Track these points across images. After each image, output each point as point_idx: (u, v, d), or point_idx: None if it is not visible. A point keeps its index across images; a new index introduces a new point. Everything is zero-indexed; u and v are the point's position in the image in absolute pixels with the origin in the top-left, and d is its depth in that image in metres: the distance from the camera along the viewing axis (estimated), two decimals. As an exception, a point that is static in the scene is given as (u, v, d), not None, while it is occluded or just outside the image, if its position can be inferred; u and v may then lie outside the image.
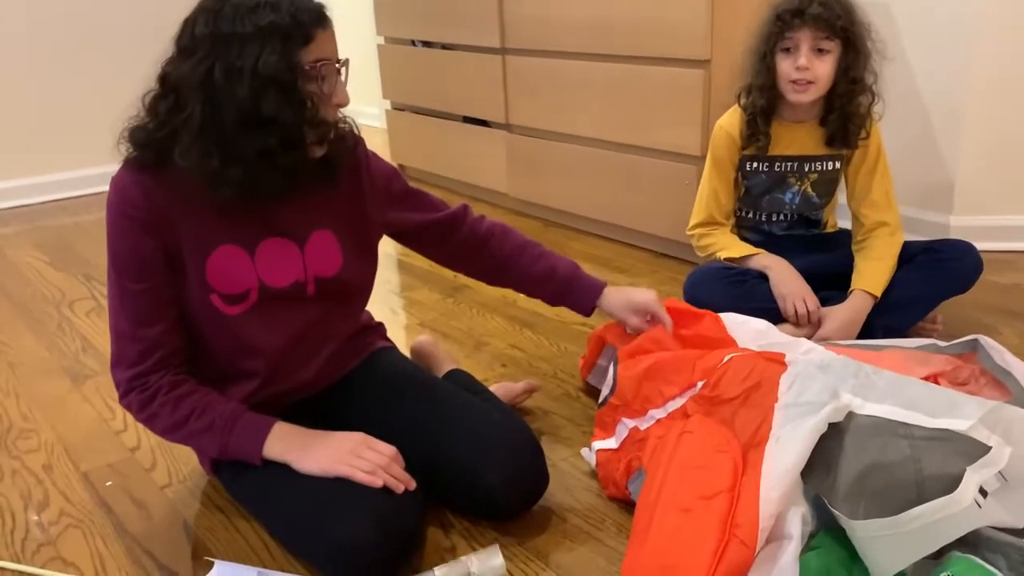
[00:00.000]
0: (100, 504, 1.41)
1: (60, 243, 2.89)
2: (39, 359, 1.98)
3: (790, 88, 1.77)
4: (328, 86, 1.18)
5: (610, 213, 2.64)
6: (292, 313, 1.30)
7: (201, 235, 1.22)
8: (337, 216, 1.33)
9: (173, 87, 1.16)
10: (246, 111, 1.11)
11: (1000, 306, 2.04)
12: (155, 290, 1.22)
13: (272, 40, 1.10)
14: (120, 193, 1.20)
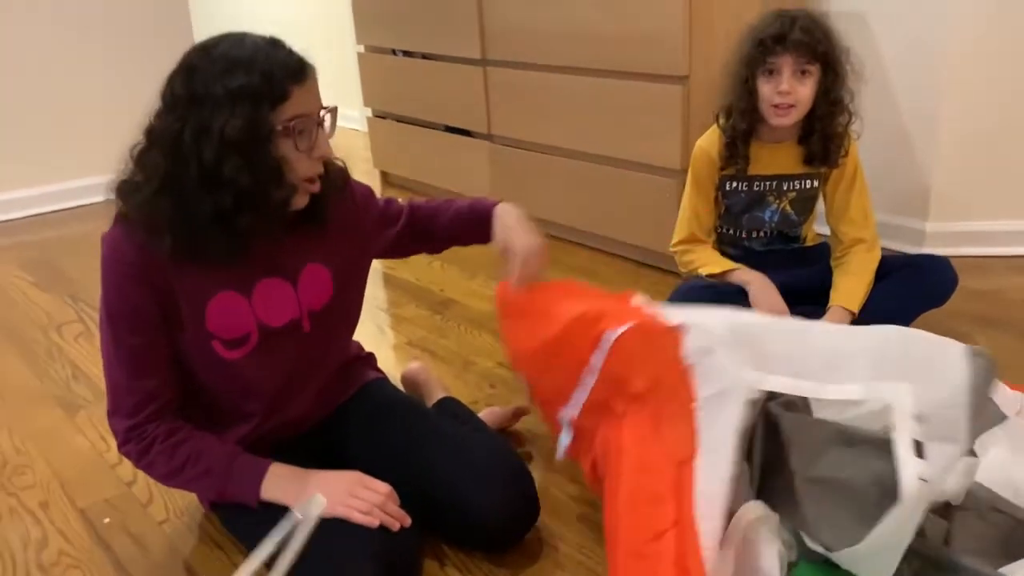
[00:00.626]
0: (99, 542, 1.43)
1: (44, 261, 2.88)
2: (30, 388, 1.99)
3: (772, 112, 1.80)
4: (305, 142, 1.18)
5: (593, 223, 2.67)
6: (288, 351, 1.33)
7: (197, 285, 1.24)
8: (327, 249, 1.35)
9: (152, 143, 1.18)
10: (207, 172, 1.13)
11: (974, 313, 2.09)
12: (150, 343, 1.24)
13: (241, 103, 1.11)
14: (113, 249, 1.22)
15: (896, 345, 1.23)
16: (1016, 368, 1.83)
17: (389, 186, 3.63)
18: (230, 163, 1.13)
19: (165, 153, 1.16)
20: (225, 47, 1.16)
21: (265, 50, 1.16)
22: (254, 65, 1.13)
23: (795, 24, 1.73)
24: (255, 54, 1.15)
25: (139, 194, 1.18)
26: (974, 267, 2.37)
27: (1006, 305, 2.15)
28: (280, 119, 1.15)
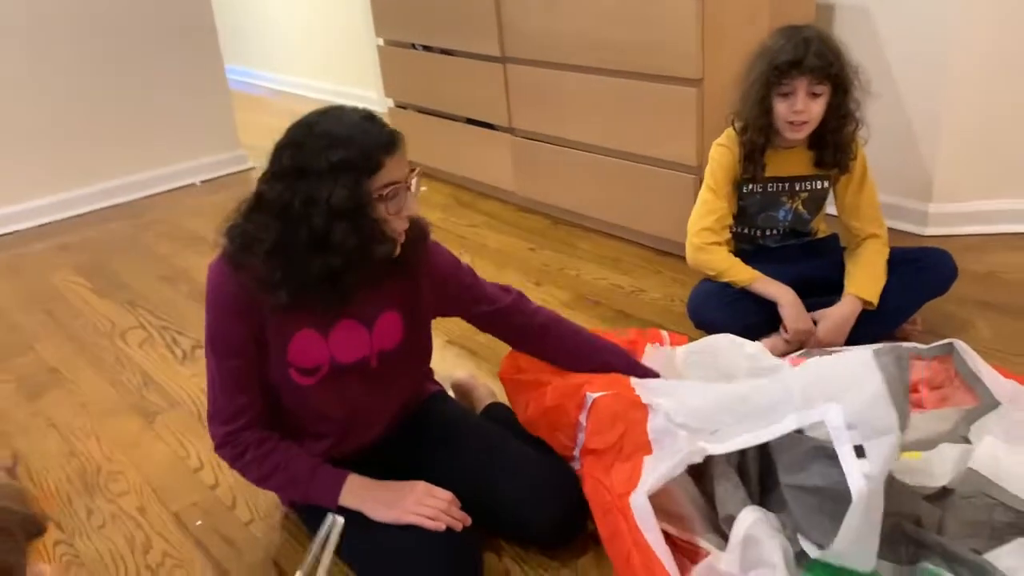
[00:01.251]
0: (196, 544, 1.62)
1: (96, 266, 3.06)
2: (106, 397, 2.18)
3: (787, 127, 1.94)
4: (395, 206, 1.34)
5: (614, 214, 2.82)
6: (356, 385, 1.50)
7: (284, 323, 1.41)
8: (403, 299, 1.51)
9: (262, 205, 1.34)
10: (318, 237, 1.29)
11: (975, 297, 2.24)
12: (244, 365, 1.42)
13: (344, 175, 1.27)
14: (216, 284, 1.40)
15: (816, 376, 1.41)
16: (1014, 350, 2.00)
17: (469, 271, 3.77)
18: (339, 228, 1.29)
19: (276, 217, 1.31)
20: (326, 124, 1.31)
21: (361, 126, 1.31)
22: (352, 141, 1.29)
23: (809, 49, 1.85)
24: (352, 131, 1.30)
25: (252, 253, 1.34)
26: (974, 247, 2.52)
27: (1004, 286, 2.30)
28: (375, 187, 1.31)
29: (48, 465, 1.92)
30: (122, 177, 3.72)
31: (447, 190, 3.52)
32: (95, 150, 3.64)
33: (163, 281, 2.87)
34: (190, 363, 2.29)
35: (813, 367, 1.48)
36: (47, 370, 2.34)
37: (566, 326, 1.69)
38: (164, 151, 3.82)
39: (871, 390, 1.29)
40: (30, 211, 3.53)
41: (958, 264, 2.03)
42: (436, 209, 3.32)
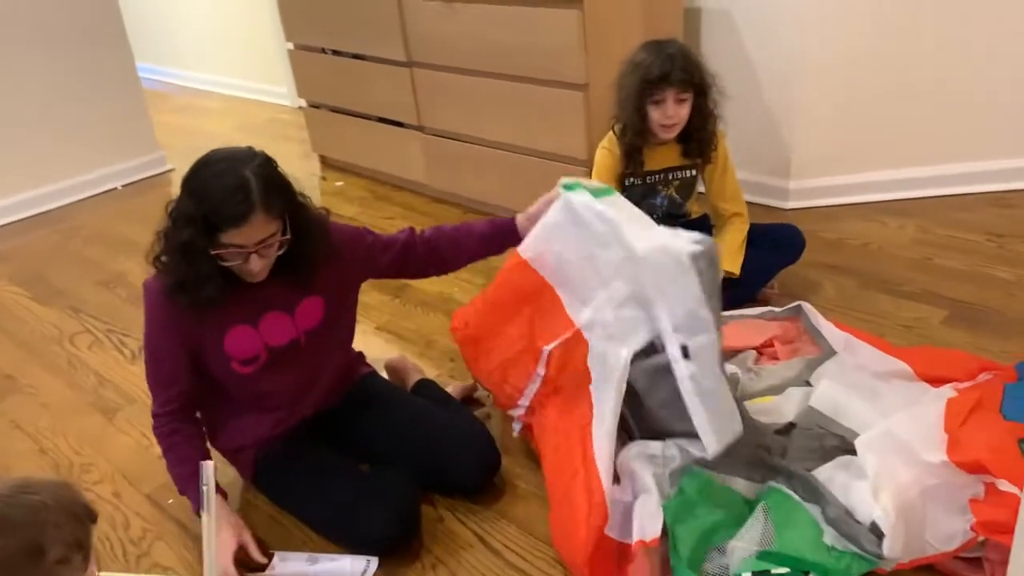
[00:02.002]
0: (170, 519, 1.88)
1: (31, 275, 3.20)
2: (66, 399, 2.38)
3: (660, 130, 2.27)
4: (234, 262, 1.58)
5: (518, 202, 3.11)
6: (292, 363, 1.78)
7: (217, 322, 1.68)
8: (317, 284, 1.77)
9: (165, 230, 1.62)
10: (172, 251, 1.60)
11: (824, 262, 2.64)
12: (171, 367, 1.71)
13: (190, 225, 1.54)
14: (151, 300, 1.68)
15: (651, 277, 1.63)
16: (853, 307, 2.40)
17: (329, 168, 4.00)
18: (178, 258, 1.59)
19: (166, 241, 1.61)
20: (205, 176, 1.55)
21: (225, 196, 1.51)
22: (205, 204, 1.52)
23: (675, 64, 2.18)
24: (214, 195, 1.52)
25: (158, 264, 1.64)
26: (827, 216, 2.93)
27: (849, 251, 2.71)
28: (216, 243, 1.54)
29: (21, 463, 2.12)
30: (45, 186, 3.83)
31: (363, 184, 3.77)
32: (13, 160, 3.73)
33: (100, 286, 3.04)
34: (140, 362, 2.50)
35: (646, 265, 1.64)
36: (2, 376, 2.52)
37: (445, 229, 1.96)
38: (83, 157, 3.93)
39: (691, 295, 1.53)
40: (-47, 224, 3.63)
41: (813, 232, 2.43)
42: (353, 203, 3.56)
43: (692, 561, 1.55)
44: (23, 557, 1.04)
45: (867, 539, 1.42)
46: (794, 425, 1.87)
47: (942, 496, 1.52)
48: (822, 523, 1.51)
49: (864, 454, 1.57)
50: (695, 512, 1.60)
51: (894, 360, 2.03)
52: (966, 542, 1.48)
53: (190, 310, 1.64)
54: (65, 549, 1.06)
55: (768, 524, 1.55)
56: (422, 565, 1.67)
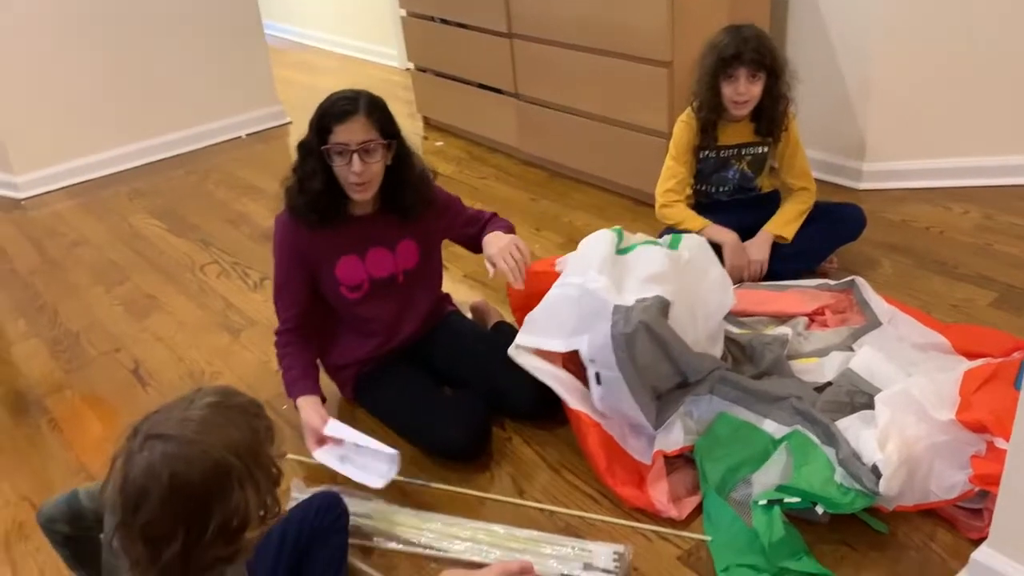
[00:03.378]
0: (285, 422, 2.23)
1: (167, 210, 3.64)
2: (198, 318, 2.78)
3: (732, 106, 2.47)
4: (340, 161, 1.89)
5: (602, 169, 3.36)
6: (391, 295, 2.10)
7: (330, 251, 2.02)
8: (415, 230, 2.09)
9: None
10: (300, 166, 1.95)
11: (885, 241, 2.79)
12: (294, 288, 2.05)
13: (311, 129, 1.90)
14: (279, 228, 2.03)
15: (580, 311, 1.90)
16: (907, 285, 2.56)
17: (431, 129, 4.30)
18: (308, 162, 1.93)
19: (293, 168, 1.97)
20: (326, 98, 1.91)
21: (335, 100, 1.89)
22: (321, 107, 1.90)
23: (748, 46, 2.38)
24: (328, 102, 1.90)
25: (286, 189, 1.99)
26: (896, 198, 3.06)
27: (912, 233, 2.85)
28: (329, 142, 1.88)
29: (163, 368, 2.52)
30: (179, 131, 4.27)
31: (461, 145, 4.06)
32: (153, 107, 4.17)
33: (228, 224, 3.44)
34: (260, 291, 2.88)
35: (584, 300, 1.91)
36: (145, 296, 2.94)
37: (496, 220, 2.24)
38: (214, 107, 4.36)
39: (602, 336, 1.83)
40: (101, 162, 4.10)
41: (879, 213, 2.59)
42: (451, 162, 3.86)
43: (720, 488, 1.81)
44: (265, 436, 1.19)
45: (868, 478, 1.64)
46: (830, 383, 2.08)
47: (947, 451, 1.72)
48: (835, 464, 1.73)
49: (880, 408, 1.77)
50: (724, 449, 1.85)
51: (934, 333, 2.20)
52: (964, 492, 1.69)
53: (312, 230, 1.97)
54: (270, 432, 1.23)
55: (788, 461, 1.79)
56: (490, 475, 1.97)
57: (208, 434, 1.12)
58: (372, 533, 1.82)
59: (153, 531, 1.10)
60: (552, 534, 1.78)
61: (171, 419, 1.14)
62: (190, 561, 1.11)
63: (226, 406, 1.18)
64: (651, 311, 1.83)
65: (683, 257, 2.03)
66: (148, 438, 1.12)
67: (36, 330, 2.79)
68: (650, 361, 1.85)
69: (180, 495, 1.09)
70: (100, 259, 3.25)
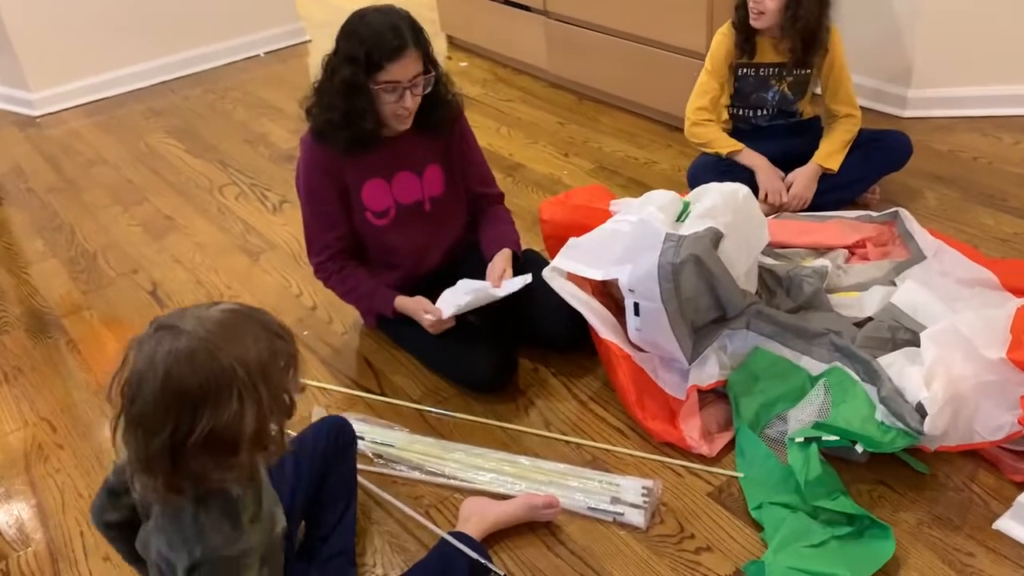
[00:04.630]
0: (306, 347, 2.18)
1: (185, 130, 3.55)
2: (217, 240, 2.72)
3: (750, 13, 2.34)
4: (393, 98, 1.81)
5: (633, 92, 3.23)
6: (418, 224, 2.02)
7: (357, 173, 1.93)
8: (441, 155, 2.01)
9: (315, 82, 1.87)
10: (328, 99, 1.84)
11: (930, 171, 2.67)
12: (331, 211, 1.96)
13: (350, 65, 1.79)
14: (306, 151, 1.93)
15: (628, 242, 1.85)
16: (953, 218, 2.46)
17: (455, 48, 4.15)
18: (336, 98, 1.82)
19: (322, 72, 1.86)
20: (363, 21, 1.80)
21: (382, 33, 1.77)
22: (366, 42, 1.77)
23: None
24: (373, 35, 1.77)
25: (311, 113, 1.89)
26: (943, 128, 2.92)
27: (958, 164, 2.72)
28: (377, 81, 1.79)
29: (181, 290, 2.47)
30: (196, 48, 4.15)
31: (487, 66, 3.92)
32: (169, 22, 4.04)
33: (246, 144, 3.36)
34: (280, 214, 2.81)
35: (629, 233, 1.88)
36: (163, 217, 2.88)
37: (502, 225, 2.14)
38: (231, 24, 4.22)
39: (647, 266, 1.76)
40: (117, 79, 4.00)
41: (925, 142, 2.46)
42: (476, 84, 3.73)
43: (753, 424, 1.75)
44: (285, 360, 1.13)
45: (912, 417, 1.57)
46: (871, 319, 2.00)
47: (995, 391, 1.64)
48: (876, 401, 1.66)
49: (927, 344, 1.69)
50: (759, 385, 1.79)
51: (980, 268, 2.10)
52: (1012, 433, 1.61)
53: (339, 156, 1.88)
54: (292, 359, 1.15)
55: (827, 398, 1.72)
56: (516, 406, 1.92)
57: (220, 337, 1.06)
58: (395, 461, 1.78)
59: (144, 421, 1.06)
60: (579, 467, 1.73)
61: (188, 314, 1.09)
62: (177, 462, 1.07)
63: (248, 316, 1.12)
64: (703, 242, 1.76)
65: (741, 192, 1.94)
66: (160, 328, 1.08)
67: (54, 250, 2.75)
68: (692, 294, 1.78)
69: (172, 390, 1.04)
70: (117, 179, 3.18)
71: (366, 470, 1.75)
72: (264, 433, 1.10)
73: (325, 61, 1.86)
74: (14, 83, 3.84)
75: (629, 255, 1.81)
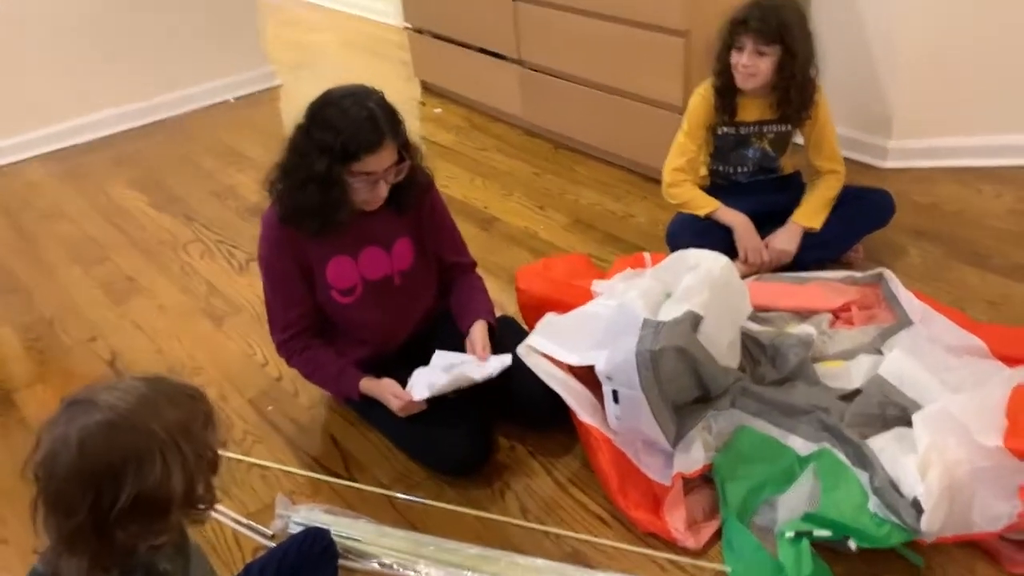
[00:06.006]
0: (269, 424, 2.08)
1: (150, 181, 3.44)
2: (179, 303, 2.61)
3: (740, 78, 2.28)
4: (365, 190, 1.75)
5: (610, 142, 3.17)
6: (387, 299, 1.93)
7: (321, 251, 1.84)
8: (410, 229, 1.93)
9: (284, 153, 1.78)
10: (299, 186, 1.75)
11: (913, 226, 2.62)
12: (293, 288, 1.87)
13: (325, 155, 1.69)
14: (268, 228, 1.84)
15: (606, 326, 1.79)
16: (938, 277, 2.40)
17: (429, 94, 4.08)
18: (310, 188, 1.73)
19: (287, 153, 1.77)
20: (336, 107, 1.71)
21: (359, 123, 1.68)
22: (343, 133, 1.68)
23: (753, 14, 2.20)
24: (349, 125, 1.68)
25: (278, 194, 1.80)
26: (924, 179, 2.88)
27: (941, 217, 2.67)
28: (351, 171, 1.71)
29: (140, 359, 2.36)
30: (164, 94, 4.05)
31: (461, 112, 3.85)
32: (134, 68, 3.94)
33: (213, 196, 3.26)
34: (246, 273, 2.71)
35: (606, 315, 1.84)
36: (125, 278, 2.77)
37: (474, 285, 2.08)
38: (200, 69, 4.12)
39: (624, 352, 1.68)
40: (83, 126, 3.88)
41: (906, 194, 2.41)
42: (451, 131, 3.66)
43: (741, 512, 1.66)
44: (202, 418, 1.13)
45: (907, 512, 1.49)
46: (859, 391, 1.93)
47: (992, 478, 1.56)
48: (868, 490, 1.58)
49: (919, 429, 1.62)
50: (746, 467, 1.71)
51: (969, 335, 2.03)
52: (1011, 524, 1.54)
53: (304, 236, 1.79)
54: (208, 416, 1.16)
55: (816, 485, 1.64)
56: (492, 490, 1.83)
57: (136, 405, 1.07)
58: (362, 556, 1.67)
59: (63, 499, 1.04)
60: (558, 562, 1.63)
61: (99, 389, 1.09)
62: (102, 536, 1.04)
63: (158, 381, 1.14)
64: (682, 327, 1.69)
65: (717, 265, 1.87)
66: (71, 405, 1.07)
67: (9, 315, 2.63)
68: (677, 379, 1.70)
69: (88, 462, 1.03)
70: (79, 235, 3.07)
71: (332, 567, 1.65)
72: (192, 491, 1.09)
73: (294, 140, 1.76)
74: (-28, 132, 3.72)
75: (606, 339, 1.73)
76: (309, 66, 4.62)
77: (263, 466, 1.95)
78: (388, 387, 1.84)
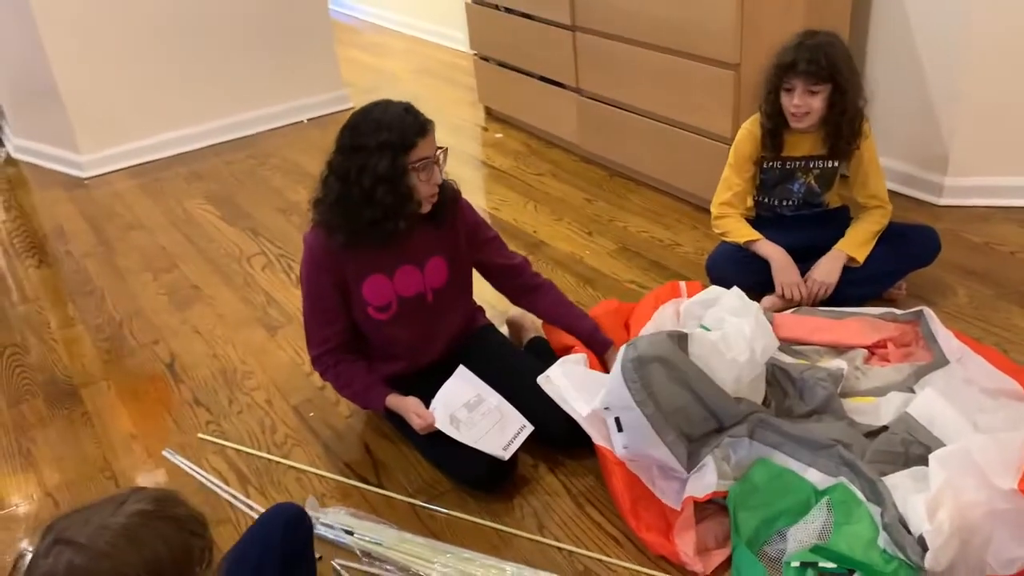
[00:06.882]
0: (310, 429, 2.18)
1: (223, 196, 3.63)
2: (238, 311, 2.75)
3: (791, 118, 2.30)
4: (426, 175, 1.84)
5: (661, 171, 3.21)
6: (420, 315, 2.02)
7: (358, 270, 1.94)
8: (444, 246, 2.01)
9: (330, 172, 1.87)
10: (365, 195, 1.81)
11: (963, 265, 2.58)
12: (329, 307, 1.97)
13: (387, 151, 1.78)
14: (310, 248, 1.95)
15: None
16: (983, 318, 2.36)
17: (492, 119, 4.20)
18: (380, 189, 1.81)
19: (337, 180, 1.85)
20: (376, 113, 1.82)
21: (401, 116, 1.81)
22: (393, 126, 1.80)
23: (803, 55, 2.22)
24: (394, 119, 1.80)
25: (323, 207, 1.89)
26: (978, 217, 2.83)
27: (993, 257, 2.62)
28: (410, 161, 1.81)
29: (197, 363, 2.51)
30: (242, 113, 4.27)
31: (521, 137, 3.94)
32: (216, 88, 4.17)
33: (279, 212, 3.42)
34: (302, 287, 2.84)
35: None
36: (190, 286, 2.93)
37: (556, 293, 2.15)
38: (277, 90, 4.33)
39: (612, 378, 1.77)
40: (165, 142, 4.12)
41: (958, 232, 2.38)
42: (509, 155, 3.75)
43: (752, 541, 1.68)
44: (198, 556, 1.06)
45: (913, 550, 1.49)
46: (886, 428, 1.92)
47: (1009, 521, 1.54)
48: (879, 525, 1.58)
49: (936, 467, 1.61)
50: (761, 498, 1.72)
51: (1005, 377, 2.01)
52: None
53: (353, 255, 1.90)
54: (206, 553, 1.08)
55: (829, 518, 1.64)
56: (511, 504, 1.88)
57: (125, 547, 0.99)
58: (382, 560, 1.75)
59: None
60: (568, 578, 1.68)
61: (89, 524, 1.01)
62: None
63: (157, 516, 1.04)
64: (659, 340, 1.77)
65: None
66: (57, 542, 1.00)
67: (82, 316, 2.82)
68: (678, 402, 1.74)
69: None
70: (151, 244, 3.26)
71: (351, 567, 1.73)
72: None
73: (339, 167, 1.85)
74: (64, 144, 3.98)
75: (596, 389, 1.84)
76: (381, 90, 4.79)
77: (299, 469, 2.05)
78: (412, 406, 1.92)
